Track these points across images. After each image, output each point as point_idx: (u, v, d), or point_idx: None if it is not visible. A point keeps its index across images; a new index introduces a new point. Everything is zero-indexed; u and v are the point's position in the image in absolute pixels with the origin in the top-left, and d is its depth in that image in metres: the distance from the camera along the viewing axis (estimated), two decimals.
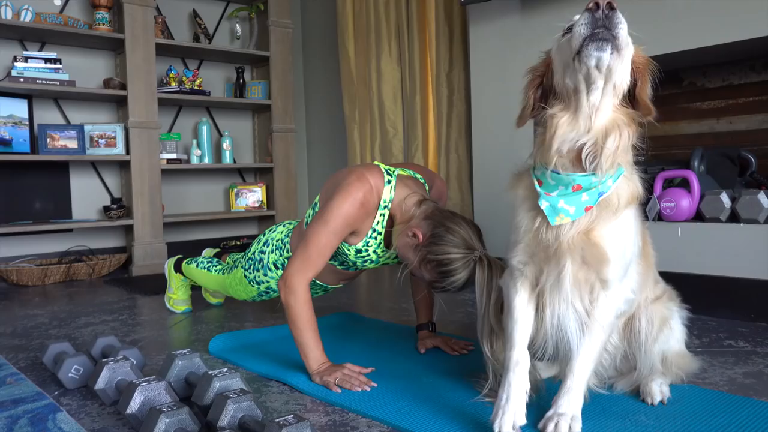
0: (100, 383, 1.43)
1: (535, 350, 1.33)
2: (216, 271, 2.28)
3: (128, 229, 3.72)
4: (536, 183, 1.23)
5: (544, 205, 1.20)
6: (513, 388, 1.23)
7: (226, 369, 1.39)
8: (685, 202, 2.21)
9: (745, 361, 1.68)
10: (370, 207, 1.64)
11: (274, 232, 2.03)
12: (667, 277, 1.53)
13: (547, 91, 1.25)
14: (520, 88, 3.05)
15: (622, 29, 1.08)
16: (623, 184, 1.20)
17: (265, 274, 1.99)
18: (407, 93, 3.72)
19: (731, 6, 2.09)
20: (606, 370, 1.42)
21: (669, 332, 1.41)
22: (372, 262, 1.78)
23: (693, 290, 2.15)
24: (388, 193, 1.65)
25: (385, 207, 1.66)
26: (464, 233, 1.51)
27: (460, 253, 1.49)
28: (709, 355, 1.74)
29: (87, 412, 1.42)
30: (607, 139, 1.14)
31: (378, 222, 1.67)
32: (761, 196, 2.08)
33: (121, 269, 3.66)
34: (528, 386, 1.25)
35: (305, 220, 1.88)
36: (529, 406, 1.25)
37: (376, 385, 1.52)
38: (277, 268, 1.98)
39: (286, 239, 1.96)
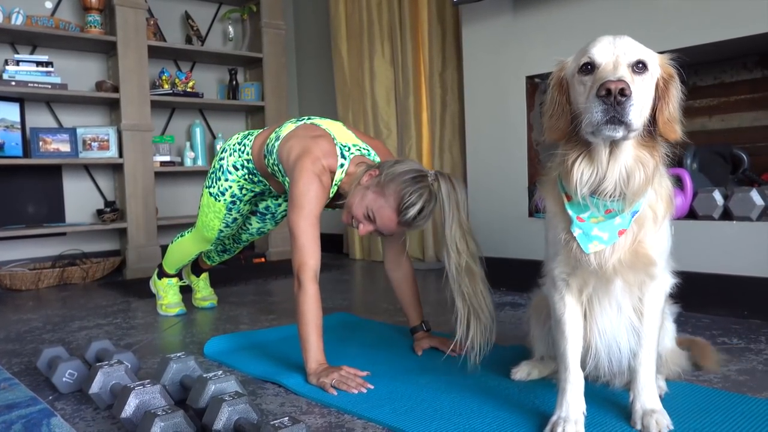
0: (95, 387, 1.42)
1: (585, 364, 1.30)
2: (188, 232, 2.39)
3: (122, 233, 3.71)
4: (565, 199, 1.20)
5: (576, 232, 1.18)
6: (571, 409, 1.23)
7: (221, 371, 1.39)
8: (678, 200, 2.22)
9: (739, 358, 1.69)
10: (328, 186, 1.74)
11: (229, 141, 2.15)
12: None
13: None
14: (513, 87, 3.04)
15: (634, 113, 1.04)
16: (654, 193, 1.18)
17: (227, 179, 2.10)
18: (400, 93, 3.72)
19: (722, 4, 2.10)
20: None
21: (663, 332, 1.41)
22: None
23: (686, 288, 2.16)
24: (339, 174, 1.75)
25: (335, 185, 1.77)
26: (413, 163, 1.66)
27: (415, 171, 1.63)
28: None
29: (81, 416, 1.42)
30: (630, 179, 1.11)
31: (328, 197, 1.79)
32: (753, 193, 2.09)
33: (115, 272, 3.64)
34: (584, 407, 1.24)
35: (268, 141, 1.94)
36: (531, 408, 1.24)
37: (372, 387, 1.51)
38: (236, 169, 2.09)
39: (245, 140, 2.09)
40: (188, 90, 3.92)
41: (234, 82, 4.17)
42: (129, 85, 3.56)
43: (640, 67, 1.09)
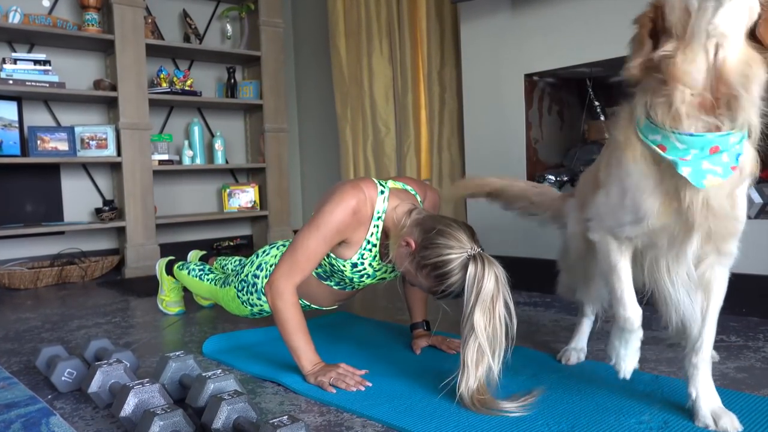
0: (94, 386, 1.42)
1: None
2: (208, 280, 2.25)
3: (120, 231, 3.70)
4: (658, 149, 1.09)
5: (685, 171, 1.05)
6: (633, 340, 1.31)
7: (220, 370, 1.39)
8: None
9: (737, 355, 1.69)
10: (363, 216, 1.62)
11: (267, 255, 1.99)
12: None
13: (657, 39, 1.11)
14: (511, 85, 3.03)
15: None
16: (749, 147, 1.10)
17: (259, 298, 1.96)
18: (399, 91, 3.72)
19: None
20: None
21: None
22: (369, 276, 1.75)
23: None
24: (381, 204, 1.63)
25: (378, 218, 1.64)
26: (456, 234, 1.46)
27: (454, 253, 1.43)
28: None
29: (80, 415, 1.42)
30: (749, 81, 1.00)
31: (372, 234, 1.65)
32: (752, 191, 2.09)
33: (114, 271, 3.64)
34: (641, 339, 1.32)
35: None
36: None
37: (371, 384, 1.52)
38: None
39: None
40: (186, 88, 3.91)
41: (232, 81, 4.17)
42: (127, 84, 3.55)
43: None
